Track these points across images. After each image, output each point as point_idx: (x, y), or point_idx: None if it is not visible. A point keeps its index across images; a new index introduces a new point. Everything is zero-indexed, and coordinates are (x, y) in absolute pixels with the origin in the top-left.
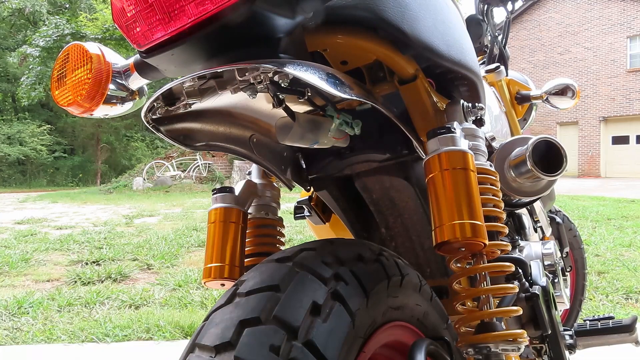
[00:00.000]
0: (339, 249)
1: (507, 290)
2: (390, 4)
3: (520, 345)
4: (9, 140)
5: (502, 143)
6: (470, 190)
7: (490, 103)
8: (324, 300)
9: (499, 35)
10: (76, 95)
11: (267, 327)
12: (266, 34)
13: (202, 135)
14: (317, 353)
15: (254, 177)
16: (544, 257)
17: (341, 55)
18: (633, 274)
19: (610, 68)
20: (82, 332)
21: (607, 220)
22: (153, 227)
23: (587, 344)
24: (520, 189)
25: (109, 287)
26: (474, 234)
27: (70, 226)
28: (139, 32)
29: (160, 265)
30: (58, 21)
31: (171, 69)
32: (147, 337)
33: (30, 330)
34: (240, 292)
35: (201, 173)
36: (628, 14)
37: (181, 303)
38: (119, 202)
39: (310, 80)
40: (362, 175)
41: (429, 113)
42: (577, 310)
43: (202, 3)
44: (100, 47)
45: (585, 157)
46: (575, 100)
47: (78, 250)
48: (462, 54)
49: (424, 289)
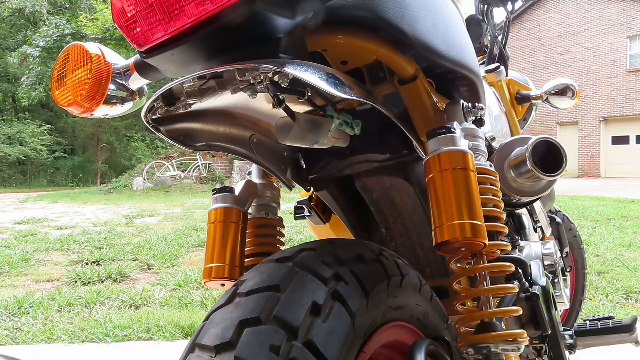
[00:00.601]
0: (339, 249)
1: (507, 290)
2: (390, 4)
3: (520, 345)
4: (9, 140)
5: (502, 143)
6: (470, 190)
7: (490, 103)
8: (324, 300)
9: (499, 35)
10: (76, 95)
11: (267, 327)
12: (266, 34)
13: (202, 135)
14: (317, 353)
15: (254, 177)
16: (544, 257)
17: (341, 55)
18: (633, 274)
19: (610, 68)
20: (82, 332)
21: (607, 220)
22: (153, 227)
23: (587, 344)
24: (520, 189)
25: (109, 287)
26: (474, 234)
27: (70, 226)
28: (139, 32)
29: (161, 265)
30: (58, 21)
31: (171, 69)
32: (147, 337)
33: (31, 330)
34: (240, 292)
35: (201, 173)
36: (628, 14)
37: (181, 303)
38: (119, 202)
39: (310, 80)
40: (362, 175)
41: (429, 113)
42: (577, 310)
43: (202, 3)
44: (100, 47)
45: (585, 157)
46: (575, 100)
47: (78, 250)
48: (462, 54)
49: (424, 289)
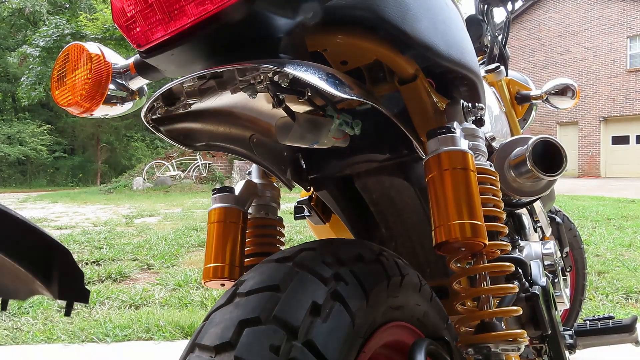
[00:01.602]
0: (339, 249)
1: (507, 290)
2: (390, 4)
3: (520, 345)
4: (9, 140)
5: (502, 143)
6: (470, 190)
7: (490, 103)
8: (324, 300)
9: (499, 35)
10: (76, 95)
11: (267, 327)
12: (266, 34)
13: (202, 135)
14: (317, 353)
15: (254, 177)
16: (544, 257)
17: (341, 55)
18: (633, 274)
19: (610, 68)
20: (82, 332)
21: (607, 220)
22: (153, 227)
23: (587, 344)
24: (520, 189)
25: (109, 287)
26: (474, 234)
27: (70, 226)
28: (139, 32)
29: (160, 265)
30: (58, 21)
31: (171, 69)
32: (147, 337)
33: (30, 330)
34: (240, 292)
35: (201, 173)
36: (628, 14)
37: (181, 303)
38: (119, 202)
39: (310, 80)
40: (362, 175)
41: (429, 113)
42: (577, 310)
43: (202, 3)
44: (100, 47)
45: (585, 157)
46: (575, 100)
47: (78, 250)
48: (462, 54)
49: (424, 289)
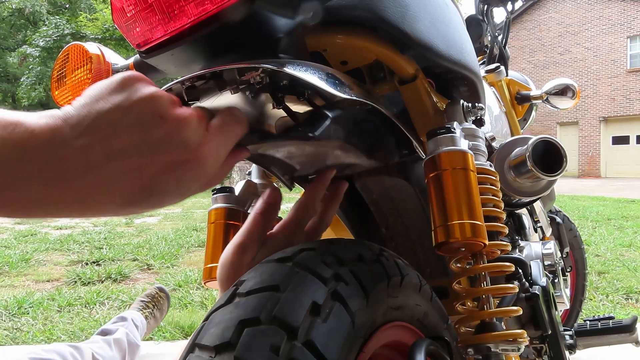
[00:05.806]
0: (339, 249)
1: (507, 290)
2: (390, 4)
3: (520, 345)
4: None
5: (502, 143)
6: (470, 190)
7: (490, 103)
8: (324, 300)
9: (499, 35)
10: (76, 95)
11: (267, 327)
12: (266, 34)
13: None
14: (317, 353)
15: (254, 177)
16: (544, 257)
17: (341, 55)
18: (633, 274)
19: (610, 68)
20: (82, 332)
21: (607, 221)
22: (153, 227)
23: (587, 344)
24: (520, 189)
25: (109, 287)
26: (474, 234)
27: (70, 226)
28: (138, 32)
29: (160, 266)
30: (58, 21)
31: (171, 69)
32: (147, 337)
33: (30, 330)
34: (240, 292)
35: None
36: (628, 14)
37: (181, 303)
38: None
39: (310, 80)
40: (362, 176)
41: (428, 113)
42: (577, 311)
43: (202, 3)
44: (100, 47)
45: (585, 157)
46: (575, 101)
47: (78, 250)
48: (462, 54)
49: (424, 289)
